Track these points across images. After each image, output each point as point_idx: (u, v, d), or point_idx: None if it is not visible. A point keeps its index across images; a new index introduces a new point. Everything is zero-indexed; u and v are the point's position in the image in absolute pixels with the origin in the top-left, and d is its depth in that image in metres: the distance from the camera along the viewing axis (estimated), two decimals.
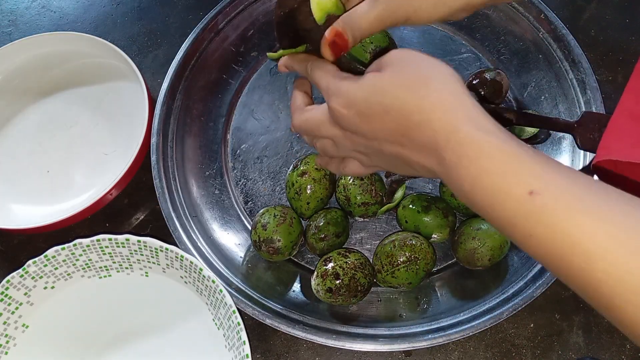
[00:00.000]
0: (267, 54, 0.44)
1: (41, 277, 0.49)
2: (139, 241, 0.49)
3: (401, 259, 0.50)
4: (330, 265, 0.50)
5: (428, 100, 0.33)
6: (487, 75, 0.57)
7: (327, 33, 0.38)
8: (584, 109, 0.57)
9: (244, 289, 0.52)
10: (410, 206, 0.54)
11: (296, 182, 0.54)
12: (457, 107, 0.33)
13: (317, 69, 0.39)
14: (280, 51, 0.43)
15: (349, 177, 0.54)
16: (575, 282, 0.29)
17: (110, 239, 0.49)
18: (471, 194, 0.32)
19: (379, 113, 0.34)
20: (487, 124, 0.32)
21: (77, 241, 0.48)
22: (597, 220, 0.28)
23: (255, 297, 0.52)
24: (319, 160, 0.45)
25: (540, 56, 0.61)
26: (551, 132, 0.59)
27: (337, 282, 0.49)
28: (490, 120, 0.32)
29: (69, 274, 0.51)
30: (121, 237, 0.49)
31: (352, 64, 0.49)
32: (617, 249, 0.27)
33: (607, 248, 0.27)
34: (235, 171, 0.61)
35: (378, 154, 0.37)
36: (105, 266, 0.51)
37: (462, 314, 0.50)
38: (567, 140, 0.57)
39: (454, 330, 0.49)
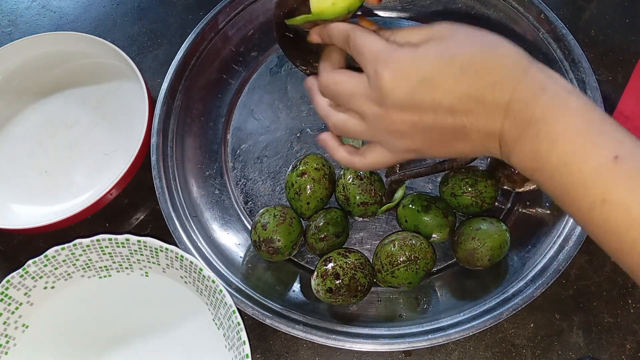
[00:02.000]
0: (286, 21, 0.40)
1: (41, 277, 0.49)
2: (139, 241, 0.49)
3: (401, 259, 0.50)
4: (330, 265, 0.50)
5: (507, 58, 0.32)
6: None
7: None
8: None
9: (244, 289, 0.52)
10: (410, 206, 0.54)
11: (296, 182, 0.54)
12: (537, 66, 0.32)
13: (364, 36, 0.35)
14: (303, 16, 0.38)
15: (349, 177, 0.54)
16: (639, 258, 0.28)
17: (110, 239, 0.49)
18: (548, 151, 0.31)
19: (453, 74, 0.32)
20: (570, 86, 0.32)
21: (77, 241, 0.48)
22: None
23: (255, 297, 0.52)
24: (332, 146, 0.40)
25: (540, 56, 0.61)
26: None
27: (337, 282, 0.49)
28: (570, 83, 0.32)
29: (69, 274, 0.51)
30: (121, 237, 0.49)
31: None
32: None
33: None
34: (235, 171, 0.61)
35: (427, 130, 0.34)
36: (105, 266, 0.51)
37: (462, 314, 0.50)
38: None
39: (454, 330, 0.49)
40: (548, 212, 0.55)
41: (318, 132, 0.61)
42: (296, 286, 0.55)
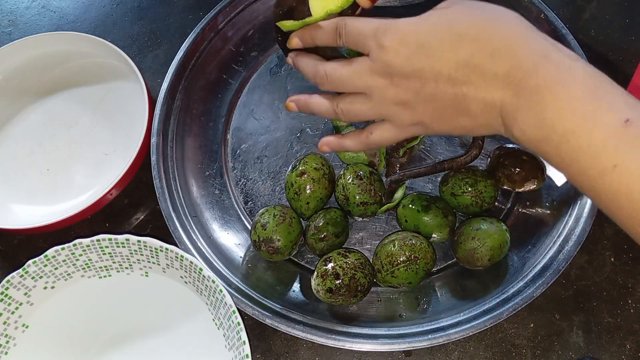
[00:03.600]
0: (279, 23, 0.40)
1: (41, 277, 0.49)
2: (139, 241, 0.49)
3: (401, 259, 0.50)
4: (330, 265, 0.50)
5: (508, 28, 0.32)
6: None
7: None
8: None
9: (244, 289, 0.52)
10: (410, 205, 0.54)
11: (295, 182, 0.54)
12: (539, 36, 0.32)
13: (355, 19, 0.36)
14: (299, 21, 0.39)
15: (348, 177, 0.54)
16: None
17: (110, 239, 0.49)
18: (553, 120, 0.30)
19: (450, 41, 0.32)
20: (573, 54, 0.31)
21: (77, 241, 0.48)
22: None
23: (255, 297, 0.52)
24: (336, 141, 0.40)
25: None
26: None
27: (337, 282, 0.49)
28: (573, 52, 0.32)
29: (69, 274, 0.51)
30: (121, 237, 0.49)
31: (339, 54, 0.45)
32: None
33: None
34: (235, 171, 0.61)
35: (430, 100, 0.34)
36: (105, 266, 0.51)
37: (462, 314, 0.50)
38: None
39: (454, 330, 0.49)
40: (548, 212, 0.55)
41: (318, 133, 0.61)
42: (296, 286, 0.55)
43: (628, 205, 0.28)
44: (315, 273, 0.51)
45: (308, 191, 0.54)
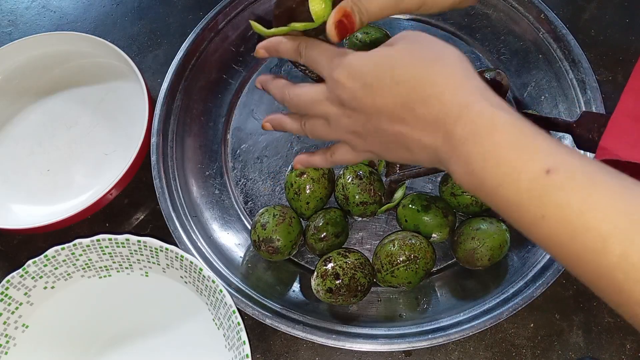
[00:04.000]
0: (253, 24, 0.41)
1: (41, 277, 0.49)
2: (139, 241, 0.49)
3: (401, 258, 0.50)
4: (330, 265, 0.50)
5: (441, 75, 0.32)
6: (487, 75, 0.57)
7: (335, 12, 0.36)
8: (584, 109, 0.57)
9: (244, 289, 0.52)
10: (410, 205, 0.54)
11: (295, 182, 0.54)
12: (470, 84, 0.32)
13: (315, 45, 0.37)
14: (272, 30, 0.40)
15: (348, 177, 0.54)
16: (586, 267, 0.28)
17: (110, 239, 0.49)
18: (481, 171, 0.30)
19: (388, 85, 0.33)
20: (500, 102, 0.31)
21: (77, 241, 0.48)
22: (613, 201, 0.27)
23: (255, 297, 0.52)
24: (306, 158, 0.43)
25: (540, 56, 0.61)
26: (550, 132, 0.58)
27: (337, 282, 0.49)
28: (501, 99, 0.32)
29: (69, 274, 0.51)
30: (121, 237, 0.49)
31: None
32: (636, 231, 0.26)
33: (624, 229, 0.26)
34: (235, 171, 0.61)
35: (375, 134, 0.36)
36: (105, 266, 0.51)
37: (462, 314, 0.50)
38: (567, 140, 0.57)
39: (454, 330, 0.49)
40: None
41: None
42: (296, 286, 0.55)
43: (564, 251, 0.28)
44: (315, 273, 0.51)
45: (308, 191, 0.54)
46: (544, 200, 0.28)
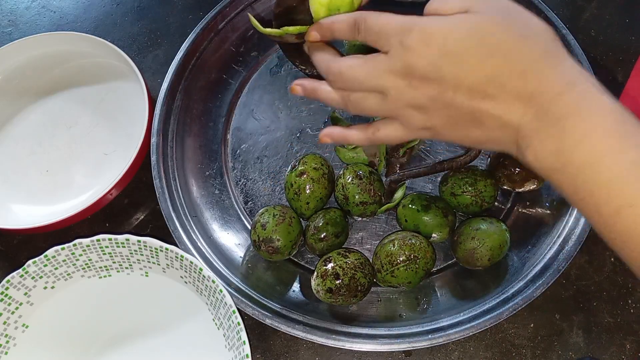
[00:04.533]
0: (251, 17, 0.39)
1: (41, 277, 0.49)
2: (139, 241, 0.49)
3: (401, 258, 0.50)
4: (330, 265, 0.50)
5: (539, 48, 0.31)
6: None
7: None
8: None
9: (244, 289, 0.52)
10: (410, 205, 0.54)
11: (295, 182, 0.54)
12: (568, 62, 0.31)
13: (376, 14, 0.34)
14: (267, 30, 0.39)
15: (348, 177, 0.54)
16: None
17: (110, 239, 0.49)
18: (572, 150, 0.29)
19: (480, 55, 0.31)
20: (599, 85, 0.31)
21: (77, 241, 0.48)
22: None
23: (255, 297, 0.52)
24: (340, 132, 0.39)
25: None
26: None
27: (337, 282, 0.49)
28: (598, 82, 0.31)
29: (69, 274, 0.51)
30: (121, 237, 0.49)
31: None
32: None
33: None
34: (235, 171, 0.61)
35: (444, 109, 0.33)
36: (105, 266, 0.51)
37: (462, 314, 0.50)
38: None
39: (454, 330, 0.49)
40: (548, 212, 0.55)
41: (318, 132, 0.61)
42: (296, 286, 0.55)
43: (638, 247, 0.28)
44: (315, 273, 0.51)
45: (308, 191, 0.54)
46: (638, 188, 0.27)
